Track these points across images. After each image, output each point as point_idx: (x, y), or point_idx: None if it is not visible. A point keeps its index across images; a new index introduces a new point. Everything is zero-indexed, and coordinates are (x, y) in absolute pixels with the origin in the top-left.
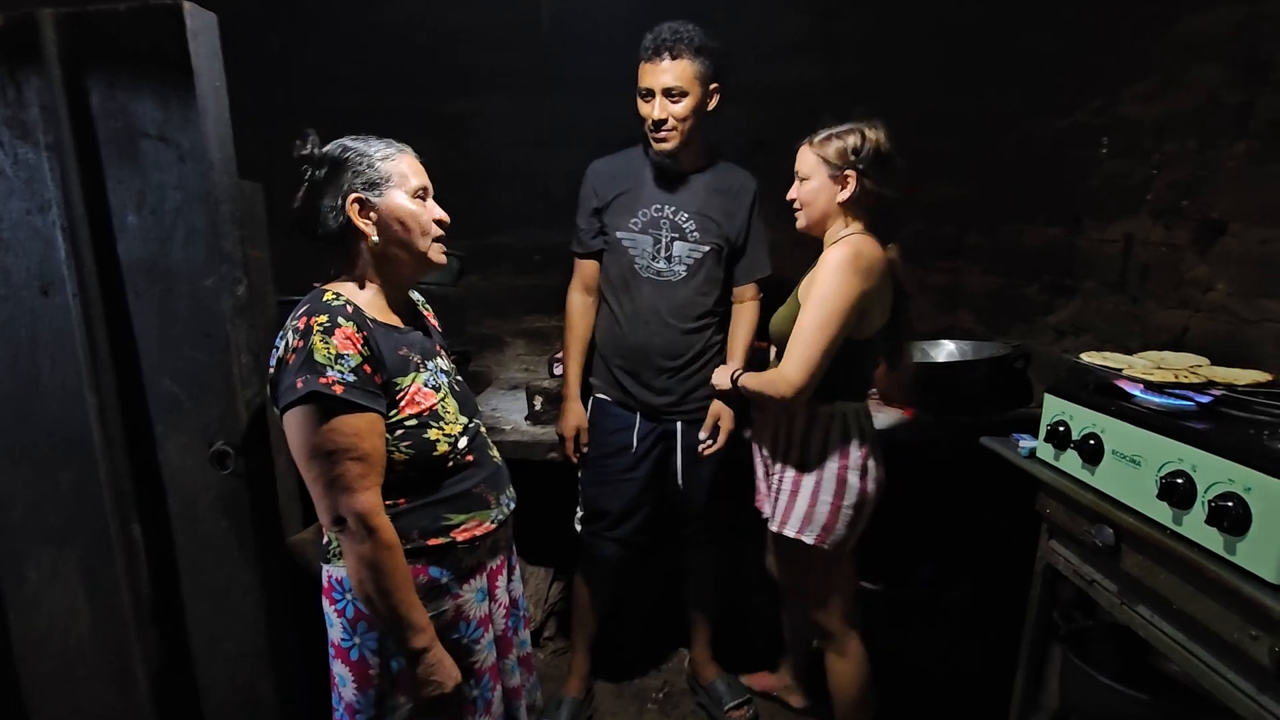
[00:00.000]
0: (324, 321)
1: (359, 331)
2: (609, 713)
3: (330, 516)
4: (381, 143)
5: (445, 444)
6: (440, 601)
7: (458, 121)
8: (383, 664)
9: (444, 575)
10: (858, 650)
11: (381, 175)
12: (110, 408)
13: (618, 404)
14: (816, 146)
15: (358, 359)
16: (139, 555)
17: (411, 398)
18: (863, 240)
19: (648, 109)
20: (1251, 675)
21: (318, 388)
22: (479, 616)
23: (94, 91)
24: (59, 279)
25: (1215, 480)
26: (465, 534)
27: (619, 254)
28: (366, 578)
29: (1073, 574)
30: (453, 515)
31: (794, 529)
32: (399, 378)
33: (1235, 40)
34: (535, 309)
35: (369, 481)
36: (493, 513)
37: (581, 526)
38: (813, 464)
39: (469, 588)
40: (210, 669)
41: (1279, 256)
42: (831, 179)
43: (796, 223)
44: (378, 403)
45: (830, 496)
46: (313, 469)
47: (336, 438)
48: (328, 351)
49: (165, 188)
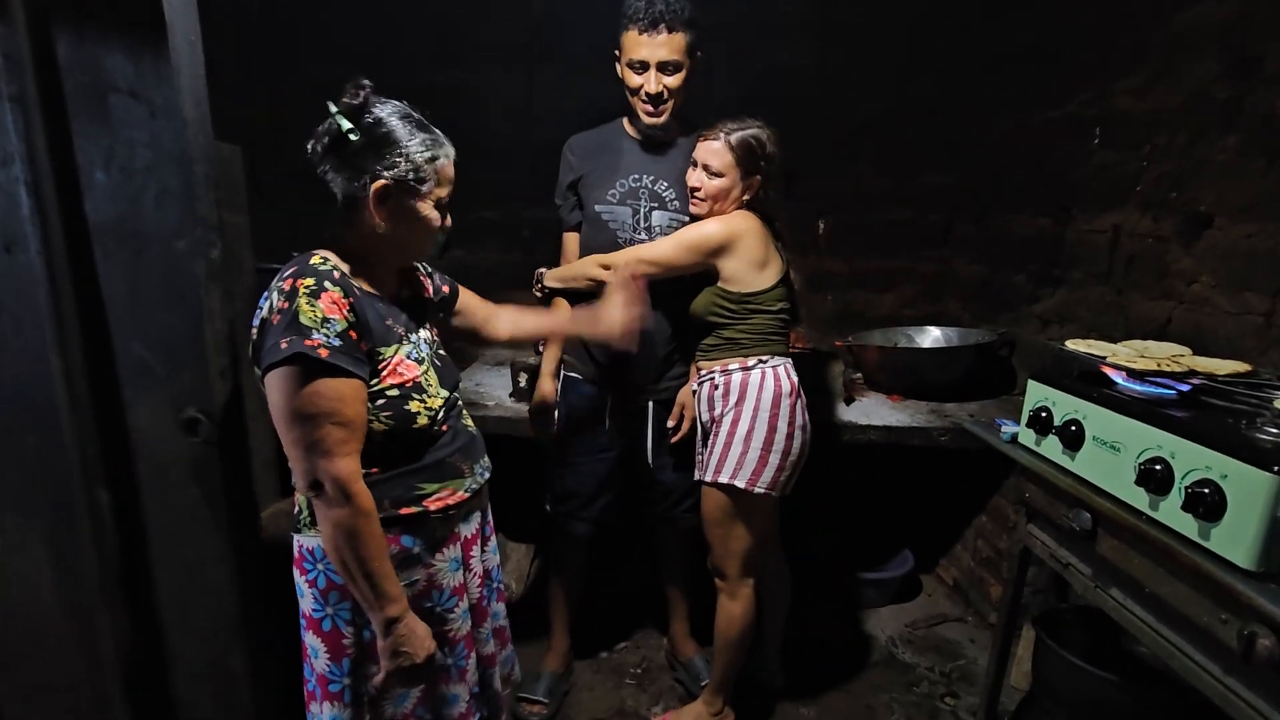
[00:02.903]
0: (311, 285)
1: (346, 297)
2: (587, 687)
3: (307, 480)
4: (429, 136)
5: (425, 417)
6: (412, 570)
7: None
8: (356, 634)
9: (416, 544)
10: (749, 596)
11: (419, 178)
12: (76, 371)
13: (589, 382)
14: (733, 147)
15: (343, 324)
16: (106, 523)
17: (394, 368)
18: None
19: (638, 80)
20: (1219, 657)
21: (303, 349)
22: (453, 585)
23: (61, 41)
24: (22, 236)
25: (1193, 467)
26: (438, 503)
27: (599, 228)
28: (342, 544)
29: (1049, 557)
30: (425, 484)
31: (727, 475)
32: (383, 347)
33: (1227, 35)
34: (522, 284)
35: (349, 447)
36: (466, 481)
37: (551, 506)
38: (745, 415)
39: (442, 557)
40: (181, 640)
41: (1262, 250)
42: (741, 180)
43: (693, 208)
44: (361, 369)
45: (760, 444)
46: (293, 432)
47: (319, 401)
48: (314, 314)
49: (136, 145)
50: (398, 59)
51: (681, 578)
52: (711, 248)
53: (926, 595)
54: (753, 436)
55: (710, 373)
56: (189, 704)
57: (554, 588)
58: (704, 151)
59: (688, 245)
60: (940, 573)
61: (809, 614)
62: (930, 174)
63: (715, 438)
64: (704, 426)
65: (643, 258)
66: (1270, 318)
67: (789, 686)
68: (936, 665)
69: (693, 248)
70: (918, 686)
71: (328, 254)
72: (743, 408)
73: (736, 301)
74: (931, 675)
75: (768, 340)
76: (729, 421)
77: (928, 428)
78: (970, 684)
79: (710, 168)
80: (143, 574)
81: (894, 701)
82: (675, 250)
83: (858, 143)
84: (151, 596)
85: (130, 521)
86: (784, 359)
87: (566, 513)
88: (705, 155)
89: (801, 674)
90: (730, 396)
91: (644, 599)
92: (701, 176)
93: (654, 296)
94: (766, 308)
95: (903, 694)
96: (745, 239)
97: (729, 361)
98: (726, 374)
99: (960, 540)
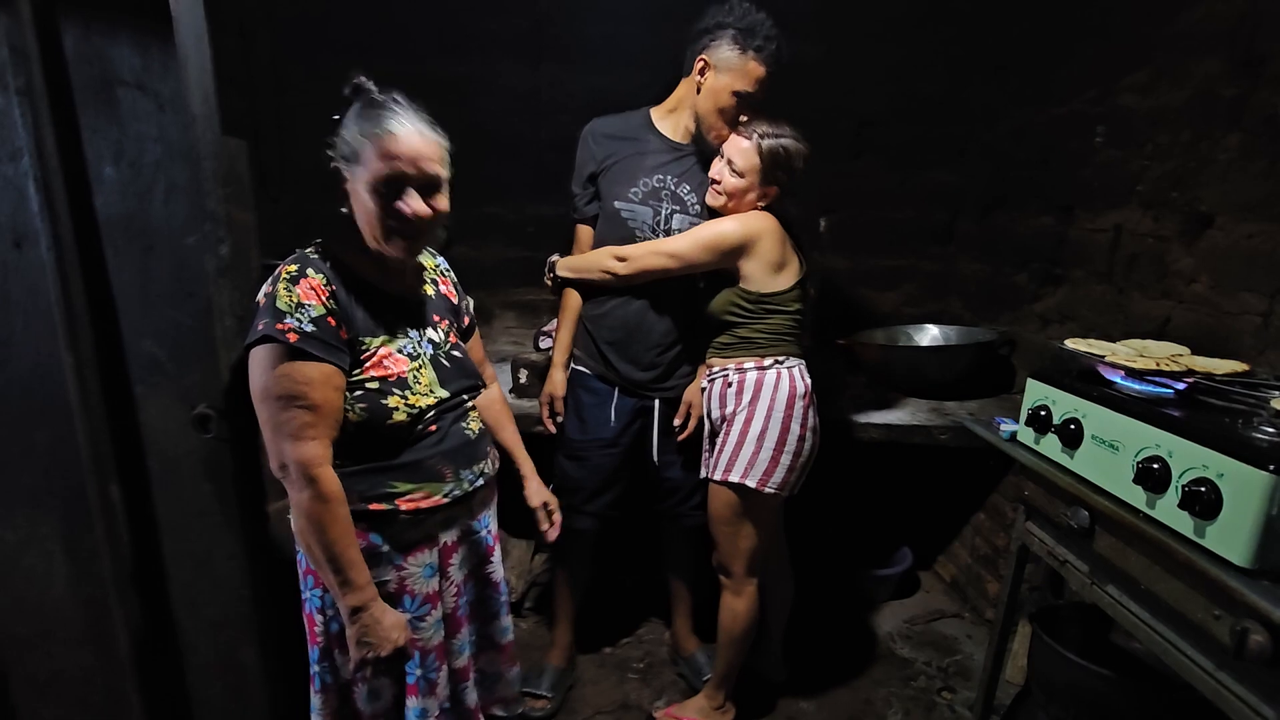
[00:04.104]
0: (293, 270)
1: (327, 285)
2: (591, 682)
3: (276, 462)
4: (375, 112)
5: (404, 413)
6: (382, 569)
7: (450, 86)
8: (325, 623)
9: (385, 544)
10: (753, 594)
11: (350, 157)
12: (88, 367)
13: (598, 377)
14: (761, 153)
15: (320, 310)
16: (118, 518)
17: (379, 360)
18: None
19: (732, 106)
20: (1212, 653)
21: (273, 332)
22: (426, 593)
23: (68, 34)
24: (32, 232)
25: (1190, 466)
26: (410, 504)
27: (616, 225)
28: (305, 527)
29: (1047, 554)
30: (398, 483)
31: (738, 474)
32: (367, 337)
33: (1232, 34)
34: (527, 281)
35: (315, 432)
36: (446, 486)
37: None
38: (759, 414)
39: (414, 561)
40: (192, 634)
41: (1262, 251)
42: (760, 185)
43: (709, 197)
44: (336, 355)
45: (773, 444)
46: (263, 412)
47: (287, 383)
48: (290, 299)
49: (145, 140)
50: (402, 51)
51: (685, 574)
52: (728, 248)
53: (925, 592)
54: (766, 436)
55: (724, 370)
56: (200, 697)
57: (558, 583)
58: (732, 147)
59: (705, 244)
60: (938, 569)
61: (810, 609)
62: (933, 172)
63: (726, 436)
64: (712, 424)
65: (661, 251)
66: (1268, 318)
67: (789, 680)
68: (934, 660)
69: (710, 246)
70: (915, 681)
71: (335, 242)
72: (756, 406)
73: (754, 301)
74: (929, 670)
75: (783, 340)
76: (742, 420)
77: (928, 426)
78: (967, 679)
79: (734, 164)
80: (154, 568)
81: (892, 696)
82: (692, 247)
83: (861, 140)
84: (163, 590)
85: (141, 517)
86: (799, 360)
87: (571, 506)
88: (733, 151)
89: (802, 668)
90: (744, 395)
91: (647, 594)
92: (724, 170)
93: (666, 295)
94: (784, 308)
95: (901, 688)
96: (763, 240)
97: (744, 360)
98: (741, 372)
99: (958, 537)
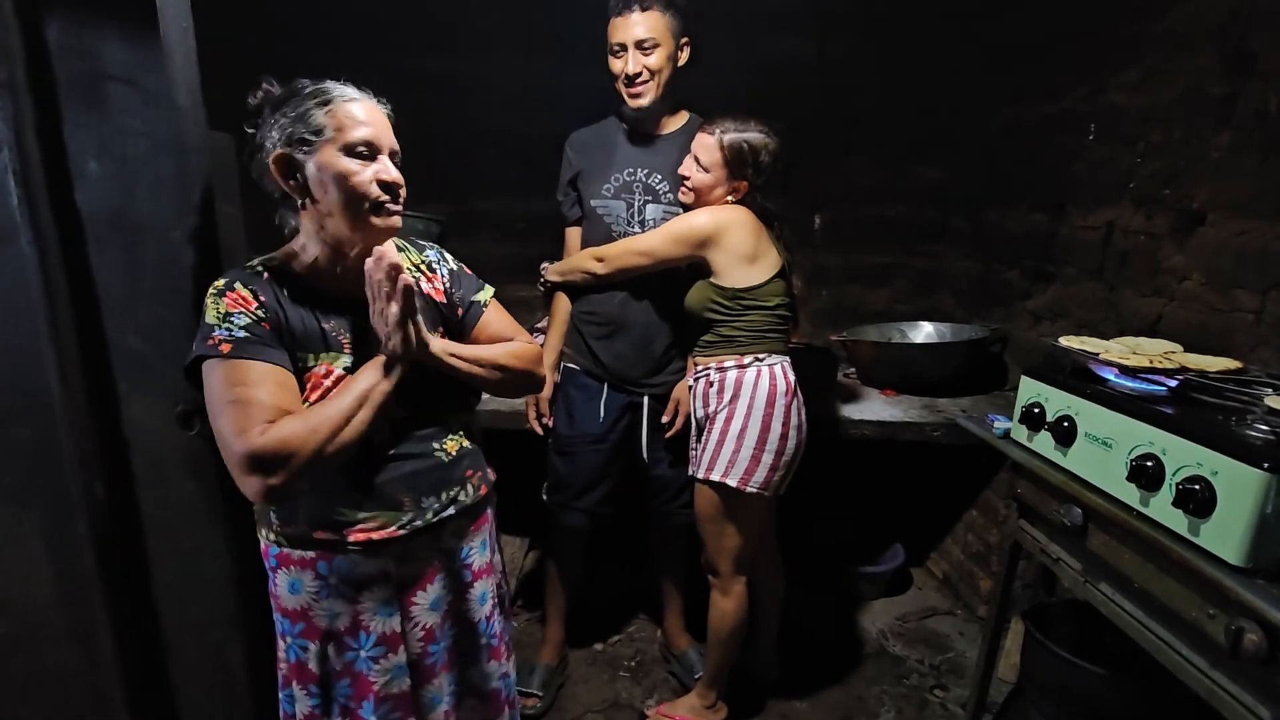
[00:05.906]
0: (220, 285)
1: (255, 296)
2: (582, 680)
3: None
4: (315, 88)
5: None
6: (332, 602)
7: (439, 81)
8: (286, 649)
9: (333, 575)
10: (741, 593)
11: (311, 127)
12: (71, 363)
13: (586, 373)
14: (724, 148)
15: (249, 317)
16: (103, 516)
17: (317, 381)
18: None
19: (620, 64)
20: (1206, 652)
21: (204, 350)
22: (381, 633)
23: (51, 27)
24: (13, 226)
25: (1183, 464)
26: (361, 534)
27: (595, 222)
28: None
29: (1039, 552)
30: (347, 510)
31: (719, 473)
32: (305, 354)
33: (1224, 31)
34: (517, 277)
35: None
36: (404, 516)
37: (547, 496)
38: (739, 413)
39: (369, 597)
40: (178, 633)
41: (1254, 248)
42: (727, 181)
43: (681, 195)
44: (274, 355)
45: (754, 443)
46: (214, 424)
47: (227, 389)
48: (216, 312)
49: (130, 133)
50: (390, 45)
51: (676, 571)
52: (697, 239)
53: (917, 589)
54: (746, 435)
55: (706, 369)
56: (186, 697)
57: (550, 580)
58: (698, 143)
59: (674, 236)
60: (931, 566)
61: (802, 607)
62: (925, 169)
63: (709, 435)
64: (698, 423)
65: (634, 249)
66: (1260, 315)
67: (781, 678)
68: (926, 658)
69: (679, 239)
70: (908, 679)
71: (283, 252)
72: (736, 405)
73: (731, 298)
74: (921, 668)
75: (765, 338)
76: (722, 419)
77: (920, 423)
78: (959, 676)
79: (700, 160)
80: (139, 567)
81: (885, 694)
82: (663, 242)
83: (853, 137)
84: (148, 590)
85: (126, 514)
86: (781, 357)
87: (561, 502)
88: (698, 147)
89: (794, 666)
90: (725, 393)
91: (639, 592)
92: (692, 166)
93: (651, 291)
94: (763, 304)
95: (893, 686)
96: (732, 231)
97: (725, 358)
98: (722, 371)
99: (951, 534)
